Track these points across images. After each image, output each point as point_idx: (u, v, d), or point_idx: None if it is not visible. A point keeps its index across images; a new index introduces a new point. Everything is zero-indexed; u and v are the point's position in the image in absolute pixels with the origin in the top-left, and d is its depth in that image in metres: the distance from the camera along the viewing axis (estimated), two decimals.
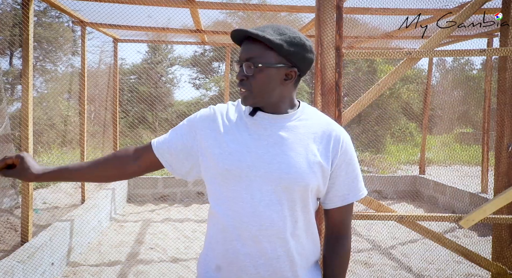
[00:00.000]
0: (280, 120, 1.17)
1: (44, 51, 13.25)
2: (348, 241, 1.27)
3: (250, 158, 1.13)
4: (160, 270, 3.82)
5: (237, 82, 1.16)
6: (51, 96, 11.52)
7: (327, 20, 2.07)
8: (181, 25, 5.26)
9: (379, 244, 4.59)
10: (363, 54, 2.14)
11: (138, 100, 12.72)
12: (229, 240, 1.15)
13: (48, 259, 3.55)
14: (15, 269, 3.05)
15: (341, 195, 1.22)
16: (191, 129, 1.23)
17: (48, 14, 13.75)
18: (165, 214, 5.97)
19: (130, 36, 5.86)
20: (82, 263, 3.98)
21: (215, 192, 1.18)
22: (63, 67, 13.74)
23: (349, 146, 1.22)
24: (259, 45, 1.12)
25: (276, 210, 1.13)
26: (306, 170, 1.14)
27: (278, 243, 1.14)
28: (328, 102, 2.05)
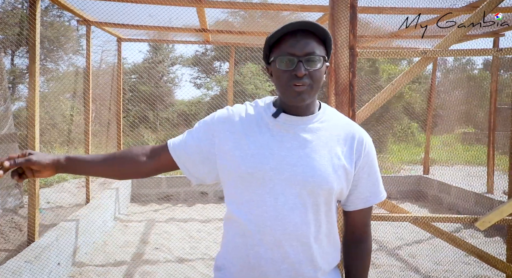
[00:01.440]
0: (303, 122, 1.15)
1: (46, 50, 13.23)
2: (370, 242, 1.26)
3: (273, 160, 1.10)
4: (167, 271, 3.80)
5: (291, 79, 1.08)
6: (52, 96, 11.49)
7: (341, 19, 2.05)
8: (183, 24, 5.24)
9: (386, 245, 4.57)
10: (377, 53, 2.12)
11: (139, 99, 12.69)
12: (250, 245, 1.12)
13: (54, 259, 3.54)
14: (23, 269, 3.03)
15: (364, 197, 1.20)
16: (208, 133, 1.19)
17: (49, 13, 13.72)
18: (169, 214, 5.95)
19: (133, 35, 5.84)
20: (88, 263, 3.97)
21: (236, 196, 1.15)
22: (64, 67, 13.71)
23: (371, 148, 1.20)
24: (313, 39, 1.09)
25: (300, 214, 1.10)
26: (331, 174, 1.12)
27: (301, 247, 1.11)
28: (342, 102, 2.04)
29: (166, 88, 15.22)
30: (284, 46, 1.09)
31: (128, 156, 1.21)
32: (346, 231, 1.27)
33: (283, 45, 1.09)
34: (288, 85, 1.09)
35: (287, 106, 1.15)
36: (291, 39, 1.08)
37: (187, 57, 15.33)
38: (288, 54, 1.08)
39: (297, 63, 1.08)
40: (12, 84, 12.50)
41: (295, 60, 1.08)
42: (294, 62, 1.08)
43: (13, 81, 12.50)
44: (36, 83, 3.35)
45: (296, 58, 1.08)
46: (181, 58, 15.28)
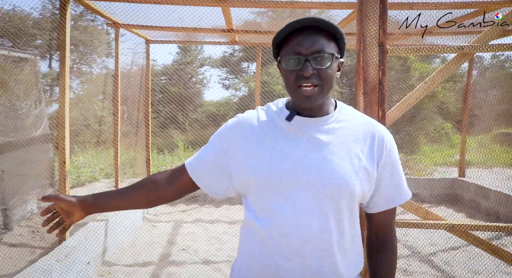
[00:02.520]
0: (319, 123, 1.08)
1: (80, 54, 13.67)
2: (395, 245, 1.19)
3: (288, 165, 1.04)
4: (191, 272, 3.79)
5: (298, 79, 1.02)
6: (86, 97, 11.86)
7: (370, 15, 1.95)
8: (212, 26, 5.24)
9: (418, 250, 4.38)
10: (409, 50, 2.01)
11: (169, 100, 12.89)
12: (268, 254, 1.06)
13: (83, 258, 3.60)
14: (53, 268, 3.10)
15: (387, 197, 1.13)
16: (222, 145, 1.14)
17: (84, 18, 14.19)
18: (196, 215, 5.97)
19: (161, 37, 5.90)
20: (116, 263, 4.02)
21: (253, 204, 1.10)
22: (97, 69, 14.13)
23: (393, 146, 1.13)
24: (322, 36, 1.03)
25: (320, 220, 1.03)
26: (351, 176, 1.04)
27: (323, 256, 1.04)
28: (371, 102, 1.94)
29: (195, 89, 15.39)
30: (291, 44, 1.03)
31: (150, 184, 1.20)
32: (369, 234, 1.20)
33: (290, 44, 1.03)
34: (296, 86, 1.03)
35: (300, 108, 1.09)
36: (298, 37, 1.02)
37: (215, 58, 15.45)
38: (294, 53, 1.02)
39: (304, 63, 1.01)
40: (49, 87, 13.00)
41: (302, 60, 1.01)
42: (300, 62, 1.02)
43: (51, 84, 12.99)
44: (66, 86, 3.42)
45: (303, 57, 1.01)
46: (209, 59, 15.42)
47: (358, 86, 1.96)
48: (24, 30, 12.59)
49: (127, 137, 9.92)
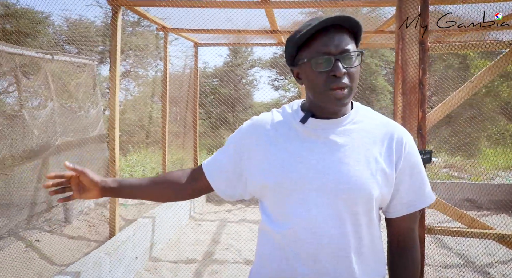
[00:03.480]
0: (334, 125, 1.04)
1: (137, 58, 14.38)
2: (417, 252, 1.11)
3: (303, 169, 1.01)
4: (233, 272, 3.84)
5: (329, 81, 0.98)
6: (141, 100, 12.44)
7: (410, 12, 1.86)
8: (260, 27, 5.28)
9: (473, 261, 4.10)
10: (452, 47, 1.88)
11: (220, 102, 13.16)
12: (285, 259, 1.04)
13: (131, 253, 3.78)
14: (103, 260, 3.28)
15: (406, 202, 1.07)
16: (237, 148, 1.14)
17: (141, 23, 14.90)
18: (241, 215, 6.03)
19: (210, 40, 6.05)
20: (162, 259, 4.17)
21: (268, 208, 1.08)
22: (152, 72, 14.78)
23: (413, 148, 1.07)
24: (346, 33, 1.00)
25: (336, 225, 1.00)
26: (368, 179, 1.00)
27: (341, 262, 1.00)
28: (410, 102, 1.84)
29: (245, 90, 15.58)
30: (317, 44, 0.98)
31: (170, 180, 1.21)
32: (390, 240, 1.13)
33: (314, 44, 0.99)
34: (327, 89, 0.98)
35: (317, 109, 1.05)
36: (324, 36, 0.98)
37: (265, 59, 15.54)
38: (323, 54, 0.97)
39: (334, 62, 0.97)
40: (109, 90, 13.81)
41: (332, 60, 0.97)
42: (331, 62, 0.97)
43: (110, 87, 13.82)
44: (116, 88, 3.61)
45: (333, 56, 0.97)
46: (259, 61, 15.53)
47: (396, 86, 1.88)
48: (88, 37, 13.50)
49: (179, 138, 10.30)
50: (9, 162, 4.13)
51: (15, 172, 4.19)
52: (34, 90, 5.03)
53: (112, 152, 3.59)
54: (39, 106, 4.99)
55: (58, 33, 13.73)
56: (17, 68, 4.34)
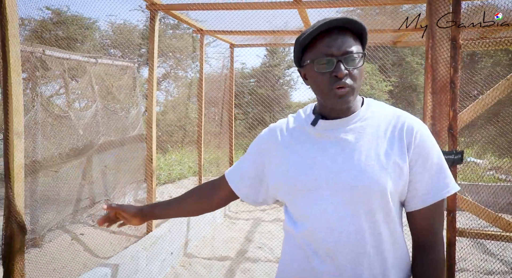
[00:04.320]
0: (343, 124, 1.06)
1: (177, 60, 14.78)
2: (440, 250, 1.06)
3: (316, 170, 1.04)
4: (265, 270, 3.87)
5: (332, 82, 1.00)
6: (181, 100, 12.78)
7: (440, 8, 1.81)
8: (297, 27, 5.28)
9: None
10: (486, 44, 1.81)
11: (257, 102, 13.24)
12: (305, 258, 1.06)
13: (167, 248, 3.91)
14: (140, 255, 3.42)
15: (421, 195, 1.04)
16: (257, 155, 1.19)
17: (181, 26, 15.30)
18: (275, 214, 6.06)
19: (246, 41, 6.12)
20: (196, 255, 4.28)
21: (288, 210, 1.13)
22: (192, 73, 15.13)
23: (426, 137, 1.04)
24: (350, 35, 1.01)
25: (352, 222, 1.01)
26: (381, 173, 1.00)
27: (359, 259, 1.01)
28: (440, 101, 1.80)
29: (282, 91, 15.57)
30: (320, 46, 1.01)
31: (197, 194, 1.29)
32: (412, 237, 1.11)
33: (318, 46, 1.01)
34: (329, 89, 1.01)
35: (326, 110, 1.08)
36: (327, 38, 1.00)
37: None
38: (325, 55, 1.00)
39: (336, 64, 0.99)
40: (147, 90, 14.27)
41: (334, 61, 0.99)
42: (333, 63, 0.99)
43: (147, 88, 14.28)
44: (153, 89, 3.75)
45: (335, 58, 0.99)
46: None
47: (426, 85, 1.83)
48: (131, 40, 14.04)
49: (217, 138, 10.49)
50: (57, 160, 4.40)
51: (62, 169, 4.45)
52: (82, 92, 5.33)
53: (149, 151, 3.73)
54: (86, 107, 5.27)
55: (104, 38, 14.40)
56: (65, 72, 4.62)
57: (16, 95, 2.15)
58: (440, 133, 1.77)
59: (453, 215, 1.79)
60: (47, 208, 4.16)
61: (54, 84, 5.06)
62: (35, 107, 3.79)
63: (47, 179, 4.23)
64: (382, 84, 10.48)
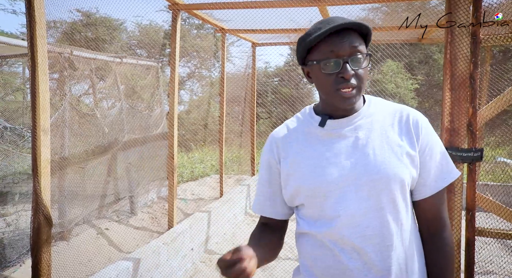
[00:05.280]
0: (351, 122, 1.07)
1: (202, 59, 14.95)
2: (449, 235, 1.10)
3: (333, 170, 1.05)
4: (285, 268, 3.88)
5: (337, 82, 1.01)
6: (205, 100, 12.93)
7: (460, 2, 1.77)
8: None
9: None
10: (509, 38, 1.76)
11: (281, 101, 13.23)
12: (331, 255, 1.06)
13: (188, 245, 3.98)
14: (161, 250, 3.50)
15: (429, 182, 1.07)
16: (267, 170, 1.16)
17: (205, 26, 15.48)
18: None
19: (268, 40, 6.12)
20: (217, 252, 4.34)
21: (306, 214, 1.10)
22: (216, 73, 15.28)
23: (428, 128, 1.09)
24: (355, 36, 1.02)
25: (376, 216, 1.02)
26: (398, 164, 1.02)
27: (387, 252, 1.02)
28: (459, 98, 1.76)
29: (306, 90, 15.50)
30: (326, 47, 1.01)
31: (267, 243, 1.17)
32: (420, 226, 1.13)
33: (324, 46, 1.01)
34: (336, 89, 1.02)
35: (332, 109, 1.09)
36: (333, 39, 1.00)
37: None
38: (332, 56, 1.00)
39: (342, 65, 1.00)
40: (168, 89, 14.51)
41: (341, 62, 1.00)
42: (339, 64, 1.00)
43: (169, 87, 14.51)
44: (175, 88, 3.82)
45: (342, 59, 1.00)
46: None
47: (445, 81, 1.80)
48: (157, 40, 14.31)
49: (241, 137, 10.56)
50: (83, 156, 4.55)
51: (89, 165, 4.61)
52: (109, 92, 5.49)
53: (170, 149, 3.81)
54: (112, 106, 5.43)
55: (131, 38, 14.74)
56: (92, 72, 4.77)
57: (43, 93, 2.25)
58: (459, 130, 1.73)
59: (472, 214, 1.75)
60: (74, 203, 4.32)
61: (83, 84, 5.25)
62: (63, 106, 3.93)
63: (75, 175, 4.39)
64: (407, 83, 10.26)
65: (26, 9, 2.24)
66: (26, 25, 2.25)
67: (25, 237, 4.12)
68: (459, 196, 1.74)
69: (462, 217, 1.78)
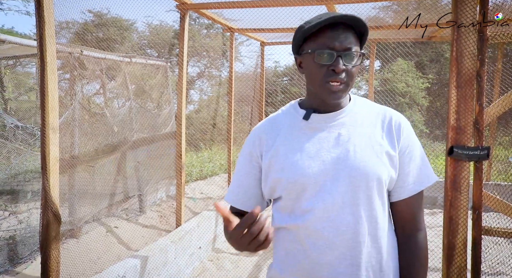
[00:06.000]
0: (336, 117, 1.08)
1: (211, 59, 15.01)
2: (424, 237, 1.11)
3: (314, 163, 1.05)
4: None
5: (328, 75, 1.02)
6: (214, 99, 12.98)
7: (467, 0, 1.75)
8: None
9: None
10: None
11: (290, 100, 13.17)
12: (302, 250, 1.07)
13: (196, 243, 4.01)
14: (169, 248, 3.53)
15: (407, 185, 1.09)
16: (250, 163, 1.15)
17: (215, 26, 15.54)
18: None
19: (277, 39, 6.12)
20: (224, 251, 4.35)
21: (283, 206, 1.10)
22: (225, 73, 15.32)
23: (410, 131, 1.11)
24: (352, 33, 1.03)
25: (351, 211, 1.03)
26: (377, 162, 1.04)
27: (359, 248, 1.03)
28: (466, 96, 1.74)
29: None
30: (323, 38, 1.02)
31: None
32: (395, 227, 1.14)
33: (321, 37, 1.02)
34: (324, 81, 1.03)
35: (318, 103, 1.09)
36: (331, 31, 1.01)
37: None
38: (327, 48, 1.01)
39: (336, 58, 1.01)
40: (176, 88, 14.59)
41: (334, 55, 1.01)
42: (333, 57, 1.01)
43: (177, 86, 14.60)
44: (183, 87, 3.85)
45: (336, 52, 1.01)
46: None
47: (451, 79, 1.78)
48: (167, 40, 14.40)
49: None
50: (93, 155, 4.61)
51: (98, 164, 4.66)
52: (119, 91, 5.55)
53: (178, 147, 3.83)
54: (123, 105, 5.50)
55: (141, 38, 14.86)
56: (102, 71, 4.83)
57: (51, 92, 2.29)
58: (465, 128, 1.71)
59: (478, 213, 1.73)
60: (84, 201, 4.38)
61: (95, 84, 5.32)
62: (73, 105, 3.99)
63: (85, 174, 4.45)
64: (418, 82, 10.16)
65: (35, 9, 2.27)
66: (36, 25, 2.29)
67: (36, 234, 4.19)
68: (465, 194, 1.72)
69: (468, 216, 1.76)
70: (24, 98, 9.56)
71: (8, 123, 4.57)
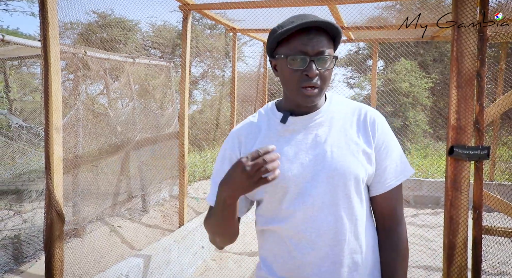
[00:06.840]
0: (312, 119, 1.09)
1: (215, 59, 15.04)
2: (404, 231, 1.13)
3: (293, 166, 1.06)
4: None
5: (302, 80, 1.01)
6: (217, 99, 13.01)
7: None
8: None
9: None
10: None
11: None
12: (287, 251, 1.08)
13: (199, 242, 4.02)
14: (172, 247, 3.55)
15: (383, 180, 1.10)
16: (231, 162, 1.12)
17: (218, 26, 15.56)
18: None
19: None
20: (227, 250, 4.37)
21: (266, 209, 1.12)
22: (229, 73, 15.34)
23: (385, 127, 1.12)
24: (325, 37, 1.03)
25: (331, 211, 1.05)
26: (353, 161, 1.06)
27: (340, 245, 1.06)
28: (466, 96, 1.74)
29: None
30: (295, 43, 1.01)
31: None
32: (376, 222, 1.16)
33: (294, 42, 1.01)
34: (299, 86, 1.03)
35: (294, 106, 1.10)
36: (303, 36, 1.00)
37: (340, 57, 15.23)
38: (300, 53, 1.01)
39: (308, 63, 1.01)
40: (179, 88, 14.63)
41: (307, 60, 1.01)
42: (306, 61, 1.01)
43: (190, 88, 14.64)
44: (186, 87, 3.87)
45: (308, 57, 1.00)
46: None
47: (451, 79, 1.79)
48: (170, 41, 14.44)
49: None
50: (96, 155, 4.64)
51: (102, 164, 4.69)
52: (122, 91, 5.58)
53: (181, 147, 3.85)
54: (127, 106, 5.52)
55: (145, 39, 14.91)
56: (106, 72, 4.86)
57: (55, 93, 2.31)
58: (465, 128, 1.72)
59: (478, 212, 1.73)
60: (88, 201, 4.41)
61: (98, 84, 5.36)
62: (76, 105, 4.02)
63: (88, 173, 4.48)
64: (421, 81, 10.13)
65: (39, 10, 2.30)
66: (40, 26, 2.31)
67: (41, 233, 4.22)
68: (466, 194, 1.73)
69: (469, 216, 1.77)
70: (29, 98, 9.63)
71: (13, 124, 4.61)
